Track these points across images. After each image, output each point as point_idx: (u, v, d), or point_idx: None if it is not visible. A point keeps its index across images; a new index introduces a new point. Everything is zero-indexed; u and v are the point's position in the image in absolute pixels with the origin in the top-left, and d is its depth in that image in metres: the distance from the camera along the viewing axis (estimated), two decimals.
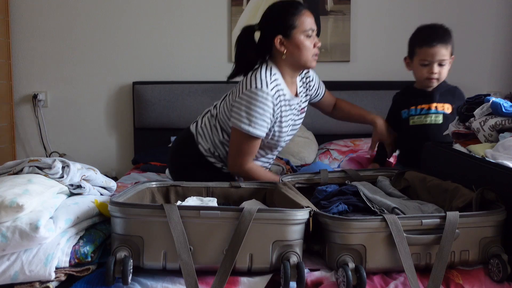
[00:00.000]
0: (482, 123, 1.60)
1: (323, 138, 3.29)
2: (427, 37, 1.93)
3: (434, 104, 1.95)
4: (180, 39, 3.47)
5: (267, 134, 1.90)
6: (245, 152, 1.88)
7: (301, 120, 2.10)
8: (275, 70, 1.89)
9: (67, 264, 1.17)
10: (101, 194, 1.53)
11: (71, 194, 1.42)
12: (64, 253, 1.17)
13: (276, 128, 1.92)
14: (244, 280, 1.17)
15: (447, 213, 1.20)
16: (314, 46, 1.88)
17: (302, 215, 1.19)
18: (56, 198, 1.30)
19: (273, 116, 1.86)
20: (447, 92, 1.99)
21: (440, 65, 1.93)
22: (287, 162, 2.61)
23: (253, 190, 1.63)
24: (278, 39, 1.86)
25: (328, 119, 3.37)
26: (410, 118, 1.97)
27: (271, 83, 1.84)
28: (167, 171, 2.70)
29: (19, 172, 1.36)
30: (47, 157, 2.15)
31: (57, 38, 3.45)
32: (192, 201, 1.48)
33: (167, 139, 3.39)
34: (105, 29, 3.45)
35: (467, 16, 3.45)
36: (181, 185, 1.60)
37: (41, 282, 1.14)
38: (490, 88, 3.49)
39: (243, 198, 1.60)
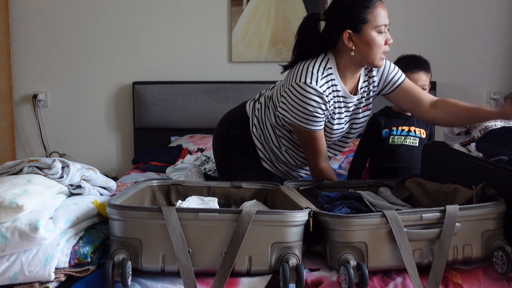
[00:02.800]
0: (482, 132, 1.60)
1: None
2: (411, 64, 2.10)
3: (413, 128, 2.11)
4: (180, 39, 3.47)
5: None
6: (312, 148, 1.78)
7: (365, 118, 1.93)
8: (331, 64, 1.75)
9: (66, 265, 1.17)
10: (101, 194, 1.53)
11: (71, 194, 1.41)
12: (64, 253, 1.17)
13: (327, 125, 1.82)
14: (244, 280, 1.17)
15: (447, 206, 1.21)
16: (386, 43, 1.71)
17: (301, 216, 1.19)
18: (56, 198, 1.29)
19: (326, 110, 1.73)
20: None
21: (422, 89, 2.08)
22: None
23: (254, 190, 1.63)
24: (346, 34, 1.68)
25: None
26: (390, 137, 2.10)
27: (322, 78, 1.71)
28: (167, 170, 2.70)
29: (19, 172, 1.36)
30: (47, 157, 2.15)
31: (57, 38, 3.45)
32: (193, 200, 1.48)
33: (167, 139, 3.39)
34: (105, 29, 3.45)
35: (467, 16, 3.45)
36: (182, 184, 1.60)
37: (41, 283, 1.14)
38: (490, 88, 3.49)
39: (244, 198, 1.60)
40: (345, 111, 1.83)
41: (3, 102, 3.34)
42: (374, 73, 1.87)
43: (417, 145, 2.09)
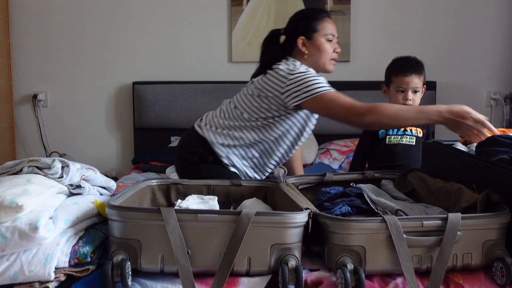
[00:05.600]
0: None
1: (323, 138, 3.29)
2: (403, 67, 2.15)
3: (409, 127, 2.15)
4: (180, 39, 3.47)
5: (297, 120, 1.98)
6: (344, 102, 1.81)
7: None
8: (298, 63, 1.99)
9: (66, 264, 1.17)
10: (101, 194, 1.53)
11: (71, 194, 1.41)
12: (64, 253, 1.17)
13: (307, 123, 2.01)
14: (244, 280, 1.17)
15: (449, 214, 1.19)
16: (334, 51, 2.01)
17: (301, 217, 1.19)
18: (56, 198, 1.29)
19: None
20: None
21: (414, 92, 2.13)
22: None
23: (254, 188, 1.63)
24: (300, 40, 1.99)
25: (328, 119, 3.36)
26: (387, 137, 2.14)
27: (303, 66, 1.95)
28: (167, 170, 2.70)
29: (19, 172, 1.36)
30: (47, 157, 2.15)
31: (57, 38, 3.45)
32: (192, 199, 1.47)
33: (167, 139, 3.39)
34: (105, 29, 3.45)
35: (467, 16, 3.45)
36: (182, 183, 1.60)
37: (41, 283, 1.14)
38: (490, 88, 3.49)
39: (244, 196, 1.60)
40: None
41: (3, 102, 3.34)
42: None
43: (413, 143, 2.10)
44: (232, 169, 2.01)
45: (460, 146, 1.66)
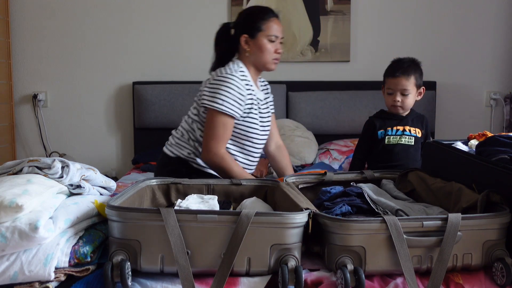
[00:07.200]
0: None
1: (323, 138, 3.29)
2: (392, 68, 2.14)
3: (408, 127, 2.15)
4: (180, 39, 3.47)
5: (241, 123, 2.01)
6: (218, 134, 1.93)
7: (269, 117, 2.15)
8: (241, 65, 2.06)
9: (66, 264, 1.17)
10: (101, 194, 1.53)
11: (71, 194, 1.41)
12: (64, 253, 1.17)
13: (247, 117, 2.02)
14: (244, 280, 1.17)
15: (449, 215, 1.19)
16: (276, 51, 2.06)
17: (301, 218, 1.19)
18: (56, 198, 1.29)
19: (244, 97, 1.96)
20: (417, 118, 2.20)
21: (403, 94, 2.11)
22: None
23: (254, 187, 1.63)
24: (244, 38, 2.04)
25: (328, 119, 3.38)
26: (386, 137, 2.14)
27: (239, 71, 2.01)
28: None
29: (19, 172, 1.36)
30: (47, 157, 2.15)
31: (57, 38, 3.45)
32: (192, 199, 1.47)
33: (167, 139, 3.38)
34: (105, 29, 3.45)
35: (467, 16, 3.45)
36: (182, 183, 1.60)
37: (41, 282, 1.14)
38: (490, 88, 3.49)
39: (244, 195, 1.60)
40: (257, 106, 2.06)
41: (3, 102, 3.34)
42: (269, 91, 2.24)
43: (412, 144, 2.11)
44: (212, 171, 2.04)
45: (460, 146, 1.67)
